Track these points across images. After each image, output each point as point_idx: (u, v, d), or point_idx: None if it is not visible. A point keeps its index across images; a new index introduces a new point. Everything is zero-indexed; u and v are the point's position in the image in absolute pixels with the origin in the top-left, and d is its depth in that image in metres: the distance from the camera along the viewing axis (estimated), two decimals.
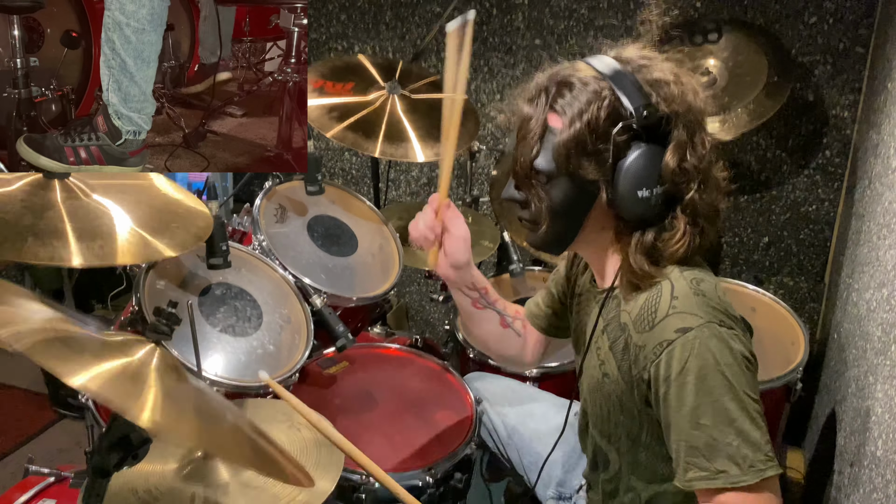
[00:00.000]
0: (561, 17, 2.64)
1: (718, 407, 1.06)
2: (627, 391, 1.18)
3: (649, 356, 1.11)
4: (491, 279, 2.27)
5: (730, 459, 1.05)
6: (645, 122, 1.09)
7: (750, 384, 1.08)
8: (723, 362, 1.06)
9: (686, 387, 1.07)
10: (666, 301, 1.11)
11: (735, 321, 1.11)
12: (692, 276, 1.14)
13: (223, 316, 1.64)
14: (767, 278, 2.66)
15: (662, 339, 1.09)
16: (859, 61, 2.39)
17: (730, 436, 1.06)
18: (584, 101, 1.11)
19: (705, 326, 1.07)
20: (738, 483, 1.05)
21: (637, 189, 1.10)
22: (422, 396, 1.75)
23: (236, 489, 1.16)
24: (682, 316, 1.09)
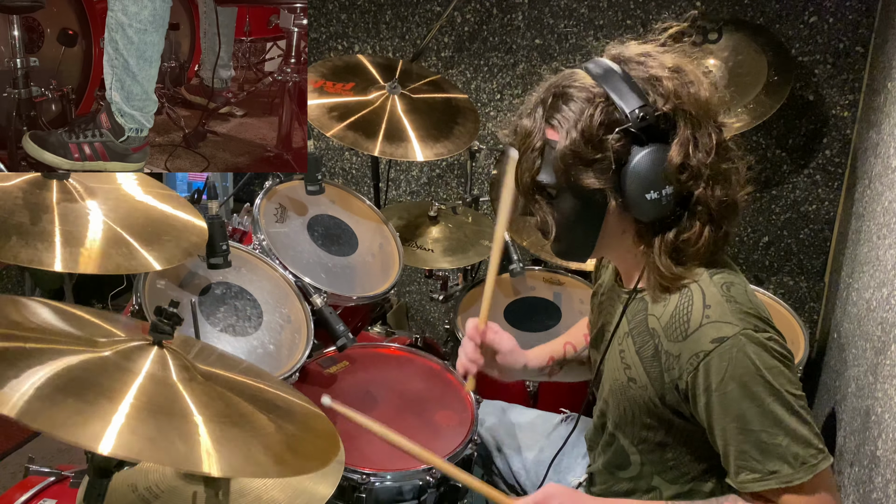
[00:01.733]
0: (561, 16, 2.64)
1: (765, 411, 1.07)
2: (657, 397, 1.18)
3: (685, 367, 1.11)
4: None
5: (781, 459, 1.07)
6: (643, 123, 1.07)
7: (791, 381, 1.08)
8: (763, 367, 1.07)
9: (728, 395, 1.07)
10: (699, 310, 1.10)
11: (767, 322, 1.11)
12: (722, 281, 1.12)
13: (223, 315, 1.64)
14: (767, 278, 2.66)
15: (699, 350, 1.09)
16: (859, 61, 2.39)
17: (779, 436, 1.06)
18: (578, 110, 1.10)
19: (741, 334, 1.07)
20: (791, 482, 1.06)
21: (645, 192, 1.08)
22: (422, 396, 1.75)
23: (237, 488, 1.16)
24: (717, 325, 1.08)
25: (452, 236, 2.28)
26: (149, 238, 1.31)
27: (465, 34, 2.77)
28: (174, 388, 0.99)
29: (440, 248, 2.24)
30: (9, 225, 1.20)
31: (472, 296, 2.22)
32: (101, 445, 0.83)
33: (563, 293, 2.25)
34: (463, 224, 2.32)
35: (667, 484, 1.26)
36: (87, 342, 1.01)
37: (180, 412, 0.95)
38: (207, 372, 1.08)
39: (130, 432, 0.87)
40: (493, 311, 2.15)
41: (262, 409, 1.06)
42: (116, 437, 0.85)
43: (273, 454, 0.97)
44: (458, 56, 2.80)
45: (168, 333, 1.03)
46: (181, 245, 1.35)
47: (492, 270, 1.47)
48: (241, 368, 1.21)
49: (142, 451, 0.87)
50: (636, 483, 1.30)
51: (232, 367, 1.19)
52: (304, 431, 1.07)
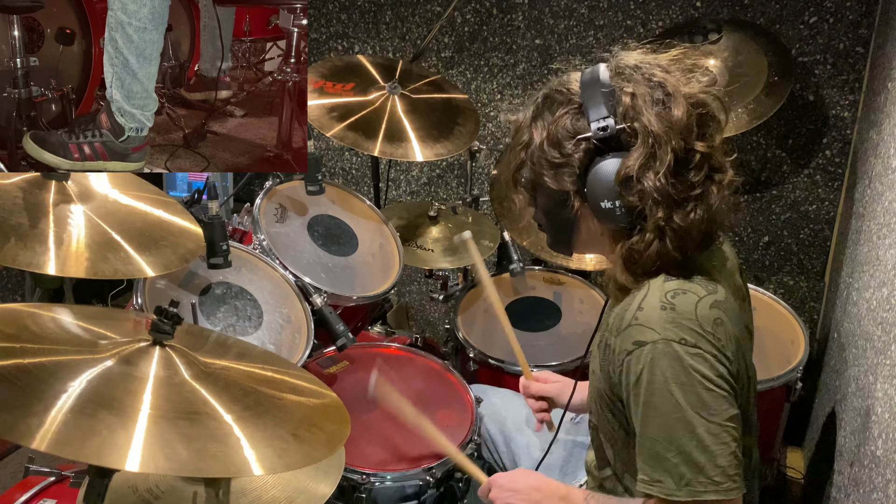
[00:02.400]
0: (561, 16, 2.64)
1: (663, 423, 1.07)
2: (608, 389, 1.20)
3: (616, 361, 1.14)
4: (491, 279, 2.27)
5: (667, 472, 1.08)
6: (603, 135, 1.10)
7: (706, 405, 1.06)
8: (673, 381, 1.06)
9: (639, 398, 1.10)
10: (633, 310, 1.12)
11: (705, 338, 1.08)
12: (674, 288, 1.11)
13: (224, 315, 1.64)
14: (767, 277, 2.66)
15: (624, 348, 1.11)
16: (859, 61, 2.39)
17: (670, 452, 1.07)
18: (555, 114, 1.15)
19: (660, 343, 1.07)
20: (670, 496, 1.08)
21: (600, 201, 1.12)
22: (422, 396, 1.75)
23: (238, 487, 1.16)
24: (640, 329, 1.09)
25: (452, 236, 2.28)
26: (145, 243, 1.31)
27: (466, 34, 2.77)
28: (188, 387, 0.99)
29: (440, 248, 2.24)
30: (8, 226, 1.20)
31: (471, 296, 2.22)
32: (128, 464, 0.84)
33: (563, 293, 2.25)
34: (463, 224, 2.32)
35: (635, 483, 1.26)
36: (88, 348, 1.01)
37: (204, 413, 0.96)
38: (213, 364, 1.08)
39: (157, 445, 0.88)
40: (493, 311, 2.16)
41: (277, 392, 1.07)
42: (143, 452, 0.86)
43: (299, 439, 0.99)
44: (458, 56, 2.80)
45: (168, 333, 1.03)
46: (178, 251, 1.36)
47: (508, 331, 1.69)
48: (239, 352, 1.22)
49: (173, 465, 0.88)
50: (615, 483, 1.31)
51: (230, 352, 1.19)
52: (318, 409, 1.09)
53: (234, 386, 1.05)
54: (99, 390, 0.93)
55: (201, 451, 0.90)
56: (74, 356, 0.97)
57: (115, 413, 0.90)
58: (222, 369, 1.08)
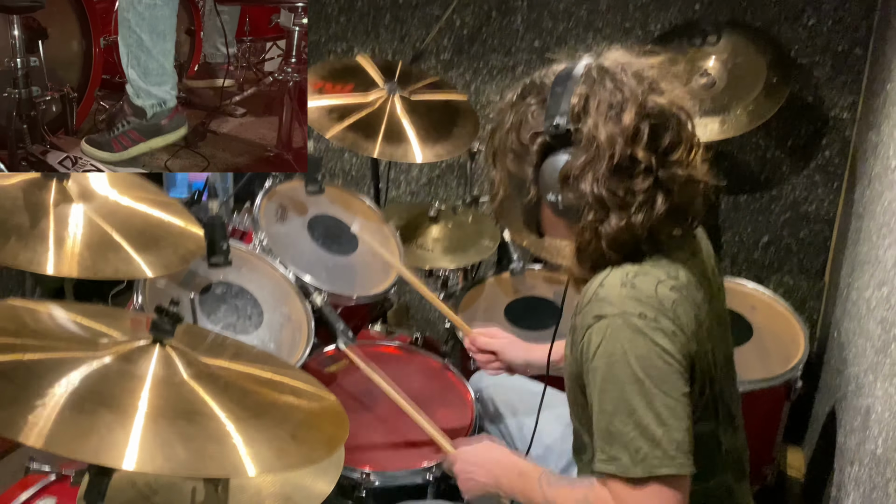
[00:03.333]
0: (560, 18, 2.65)
1: (622, 396, 1.07)
2: (577, 370, 1.19)
3: (577, 337, 1.15)
4: (491, 278, 2.27)
5: (624, 448, 1.07)
6: (555, 131, 1.13)
7: (664, 379, 1.07)
8: (632, 353, 1.07)
9: (598, 371, 1.10)
10: (594, 288, 1.14)
11: (665, 316, 1.09)
12: (634, 271, 1.13)
13: (224, 314, 1.64)
14: (767, 277, 2.66)
15: (584, 324, 1.12)
16: (858, 62, 2.40)
17: (628, 426, 1.07)
18: (526, 103, 1.18)
19: (619, 316, 1.08)
20: (626, 473, 1.07)
21: (547, 193, 1.16)
22: (422, 395, 1.74)
23: (237, 483, 1.16)
24: (601, 304, 1.11)
25: (452, 236, 2.28)
26: (145, 243, 1.31)
27: (465, 36, 2.77)
28: (187, 387, 0.99)
29: (440, 248, 2.24)
30: (8, 226, 1.20)
31: (471, 295, 2.22)
32: (125, 463, 0.84)
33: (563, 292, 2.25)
34: (463, 224, 2.32)
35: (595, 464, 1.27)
36: (87, 345, 1.01)
37: (202, 413, 0.96)
38: (213, 364, 1.08)
39: (155, 445, 0.88)
40: (493, 310, 2.17)
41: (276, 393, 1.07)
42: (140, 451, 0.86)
43: (297, 440, 0.99)
44: (457, 58, 2.80)
45: (168, 332, 1.03)
46: (178, 252, 1.36)
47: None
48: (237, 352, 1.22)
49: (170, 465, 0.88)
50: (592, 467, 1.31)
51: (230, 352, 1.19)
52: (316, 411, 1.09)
53: (233, 386, 1.05)
54: (97, 388, 0.92)
55: (199, 450, 0.90)
56: (73, 353, 0.97)
57: (113, 411, 0.90)
58: (221, 369, 1.08)
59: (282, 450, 0.96)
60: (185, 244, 1.39)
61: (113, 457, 0.85)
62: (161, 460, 0.87)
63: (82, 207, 1.31)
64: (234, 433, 0.94)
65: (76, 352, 0.98)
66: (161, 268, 1.30)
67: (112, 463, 0.85)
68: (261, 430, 0.97)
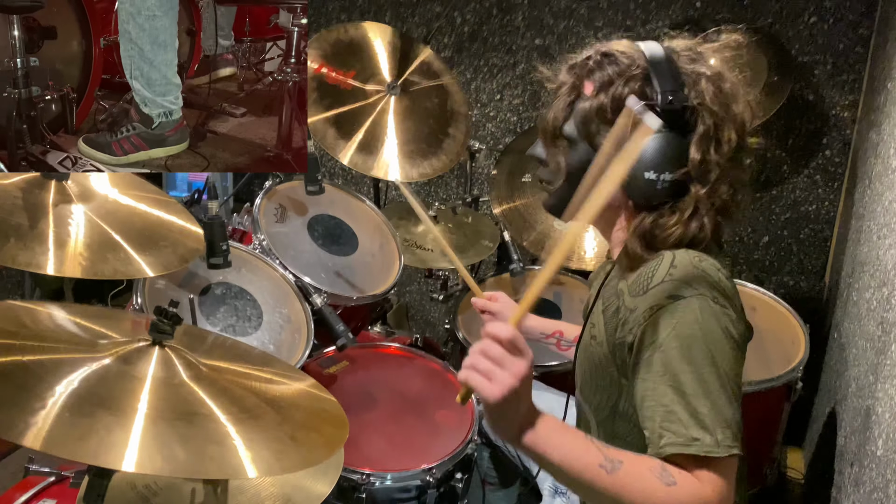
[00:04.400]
0: (561, 16, 2.64)
1: (700, 378, 1.06)
2: (609, 354, 1.19)
3: (638, 319, 1.12)
4: (491, 279, 2.27)
5: (704, 429, 1.05)
6: (668, 106, 1.11)
7: (733, 365, 1.08)
8: (710, 336, 1.07)
9: (669, 353, 1.08)
10: (664, 269, 1.12)
11: (731, 301, 1.11)
12: (697, 255, 1.14)
13: (223, 315, 1.64)
14: (767, 278, 2.66)
15: (653, 304, 1.10)
16: (859, 61, 2.39)
17: (706, 407, 1.06)
18: (616, 73, 1.15)
19: (697, 297, 1.08)
20: (709, 453, 1.05)
21: (645, 170, 1.12)
22: (422, 396, 1.75)
23: (236, 484, 1.16)
24: (677, 284, 1.10)
25: (452, 236, 2.28)
26: (145, 243, 1.31)
27: (465, 34, 2.77)
28: (186, 388, 0.99)
29: (440, 249, 2.24)
30: (8, 226, 1.20)
31: (471, 296, 2.21)
32: (124, 464, 0.84)
33: (563, 293, 2.25)
34: (463, 224, 2.32)
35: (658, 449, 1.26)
36: (86, 346, 1.01)
37: (202, 414, 0.96)
38: (212, 366, 1.08)
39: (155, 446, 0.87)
40: None
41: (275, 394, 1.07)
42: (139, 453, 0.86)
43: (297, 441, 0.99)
44: (458, 56, 2.80)
45: (168, 333, 1.03)
46: (178, 251, 1.36)
47: None
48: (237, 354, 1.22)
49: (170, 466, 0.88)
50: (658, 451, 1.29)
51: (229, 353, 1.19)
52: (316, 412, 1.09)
53: (232, 388, 1.05)
54: (96, 389, 0.92)
55: (199, 452, 0.90)
56: (73, 354, 0.97)
57: (112, 413, 0.90)
58: (221, 371, 1.08)
59: (281, 451, 0.96)
60: (185, 244, 1.39)
61: (112, 458, 0.84)
62: (160, 461, 0.87)
63: (82, 207, 1.31)
64: (234, 434, 0.94)
65: (75, 353, 0.98)
66: (160, 268, 1.30)
67: (112, 464, 0.84)
68: (260, 431, 0.97)
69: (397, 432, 1.62)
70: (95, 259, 1.23)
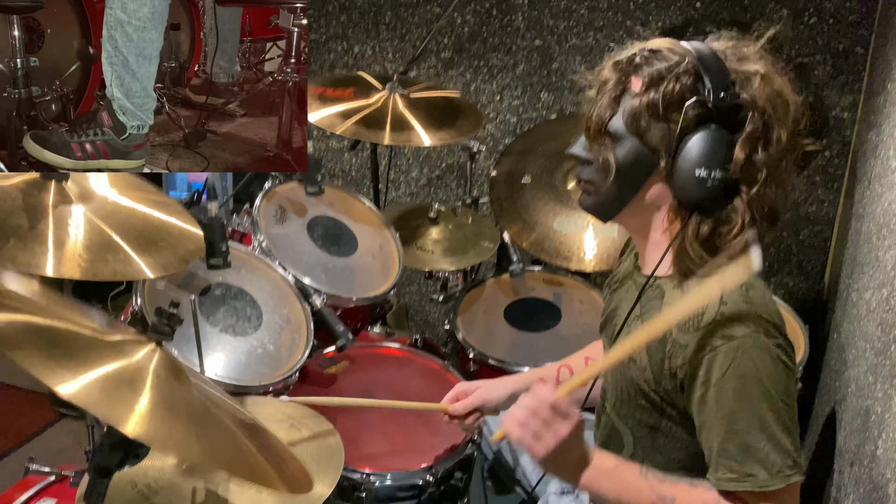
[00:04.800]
0: (561, 17, 2.64)
1: (754, 414, 1.08)
2: (653, 381, 1.18)
3: (690, 357, 1.12)
4: (491, 280, 2.27)
5: (759, 463, 1.07)
6: (721, 103, 1.10)
7: (788, 391, 1.10)
8: (764, 372, 1.08)
9: (725, 392, 1.08)
10: (714, 305, 1.11)
11: (779, 329, 1.12)
12: (741, 281, 1.12)
13: (223, 316, 1.64)
14: (767, 278, 2.66)
15: (707, 344, 1.10)
16: (859, 62, 2.39)
17: (762, 441, 1.07)
18: (666, 68, 1.13)
19: (750, 336, 1.08)
20: (765, 487, 1.07)
21: (696, 167, 1.10)
22: (422, 396, 1.75)
23: (236, 485, 1.16)
24: (728, 323, 1.09)
25: (452, 237, 2.28)
26: (145, 244, 1.31)
27: (465, 35, 2.77)
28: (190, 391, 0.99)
29: (440, 250, 2.24)
30: (7, 227, 1.20)
31: (471, 297, 2.22)
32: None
33: (563, 294, 2.25)
34: (463, 225, 2.32)
35: (656, 468, 1.26)
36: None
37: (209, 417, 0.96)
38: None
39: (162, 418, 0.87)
40: (492, 312, 2.17)
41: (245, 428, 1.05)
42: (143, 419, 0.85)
43: None
44: (457, 57, 2.80)
45: (168, 335, 1.03)
46: (178, 252, 1.36)
47: None
48: None
49: None
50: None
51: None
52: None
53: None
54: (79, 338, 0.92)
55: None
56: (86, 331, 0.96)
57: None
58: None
59: None
60: (185, 245, 1.39)
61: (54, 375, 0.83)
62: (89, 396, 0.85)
63: (81, 208, 1.31)
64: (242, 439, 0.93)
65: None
66: (160, 269, 1.30)
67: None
68: None
69: (397, 432, 1.63)
70: (95, 260, 1.23)
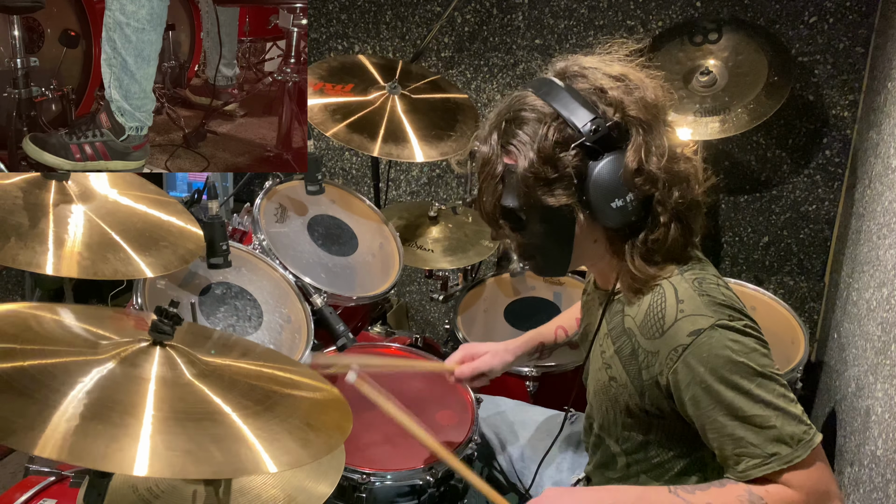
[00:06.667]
0: (561, 16, 2.64)
1: (752, 395, 1.08)
2: (637, 395, 1.19)
3: (664, 363, 1.12)
4: (491, 279, 2.27)
5: (779, 441, 1.07)
6: (595, 135, 1.09)
7: (770, 362, 1.10)
8: (742, 353, 1.08)
9: (713, 387, 1.09)
10: (672, 306, 1.12)
11: (741, 312, 1.13)
12: (693, 276, 1.15)
13: (223, 315, 1.64)
14: (767, 278, 2.66)
15: (677, 345, 1.10)
16: (859, 61, 2.39)
17: (771, 418, 1.07)
18: (532, 132, 1.12)
19: (717, 325, 1.09)
20: (792, 460, 1.07)
21: (610, 202, 1.11)
22: (422, 396, 1.75)
23: (237, 486, 1.16)
24: (692, 318, 1.10)
25: (452, 236, 2.28)
26: (145, 244, 1.31)
27: (466, 34, 2.77)
28: (192, 387, 0.99)
29: (440, 249, 2.24)
30: (8, 226, 1.20)
31: (471, 296, 2.22)
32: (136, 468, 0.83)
33: (563, 293, 2.25)
34: (463, 224, 2.32)
35: (652, 481, 1.27)
36: (88, 349, 1.00)
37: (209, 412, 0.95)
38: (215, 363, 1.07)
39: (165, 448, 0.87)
40: (493, 311, 2.17)
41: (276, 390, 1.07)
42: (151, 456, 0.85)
43: (313, 429, 0.99)
44: (458, 56, 2.80)
45: (168, 333, 1.03)
46: (178, 252, 1.36)
47: None
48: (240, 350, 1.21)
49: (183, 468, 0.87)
50: (625, 481, 1.31)
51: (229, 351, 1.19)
52: (320, 401, 1.10)
53: (238, 382, 1.04)
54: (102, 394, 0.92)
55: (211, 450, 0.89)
56: (75, 357, 0.97)
57: (119, 416, 0.89)
58: (224, 367, 1.08)
59: (305, 439, 0.96)
60: (185, 244, 1.39)
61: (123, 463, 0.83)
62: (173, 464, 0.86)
63: (82, 207, 1.31)
64: (256, 428, 0.94)
65: (78, 356, 0.97)
66: (160, 268, 1.30)
67: (124, 469, 0.83)
68: (278, 423, 0.98)
69: (397, 432, 1.62)
70: (95, 259, 1.23)
